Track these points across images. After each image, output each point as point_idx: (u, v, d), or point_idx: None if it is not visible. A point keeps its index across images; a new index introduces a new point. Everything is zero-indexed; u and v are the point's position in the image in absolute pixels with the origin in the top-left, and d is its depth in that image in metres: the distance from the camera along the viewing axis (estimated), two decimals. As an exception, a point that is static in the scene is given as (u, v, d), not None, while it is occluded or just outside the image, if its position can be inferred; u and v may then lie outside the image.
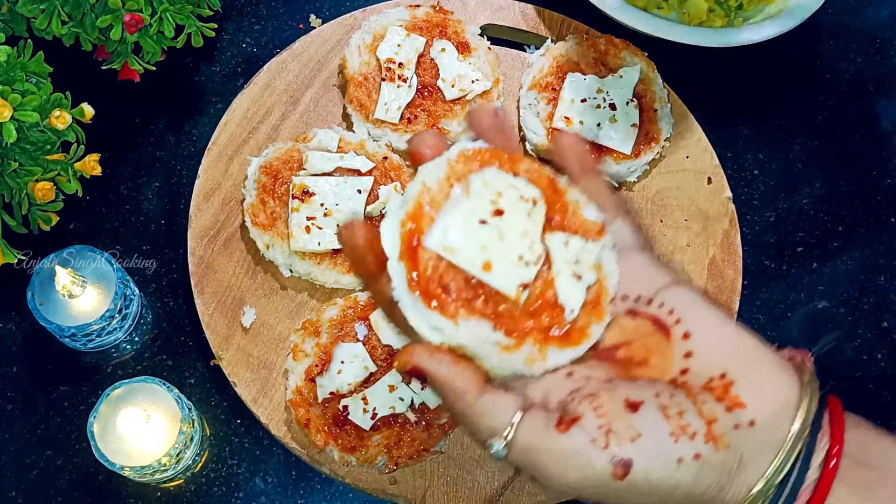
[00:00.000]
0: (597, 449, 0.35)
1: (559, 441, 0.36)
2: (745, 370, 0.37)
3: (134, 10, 0.72)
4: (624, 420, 0.36)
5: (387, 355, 0.70)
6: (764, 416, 0.36)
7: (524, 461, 0.37)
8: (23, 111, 0.66)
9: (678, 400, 0.36)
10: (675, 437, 0.35)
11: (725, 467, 0.36)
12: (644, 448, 0.35)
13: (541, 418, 0.37)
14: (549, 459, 0.36)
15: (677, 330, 0.38)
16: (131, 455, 0.65)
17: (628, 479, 0.35)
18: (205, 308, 0.73)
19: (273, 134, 0.79)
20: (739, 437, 0.36)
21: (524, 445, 0.37)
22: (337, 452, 0.69)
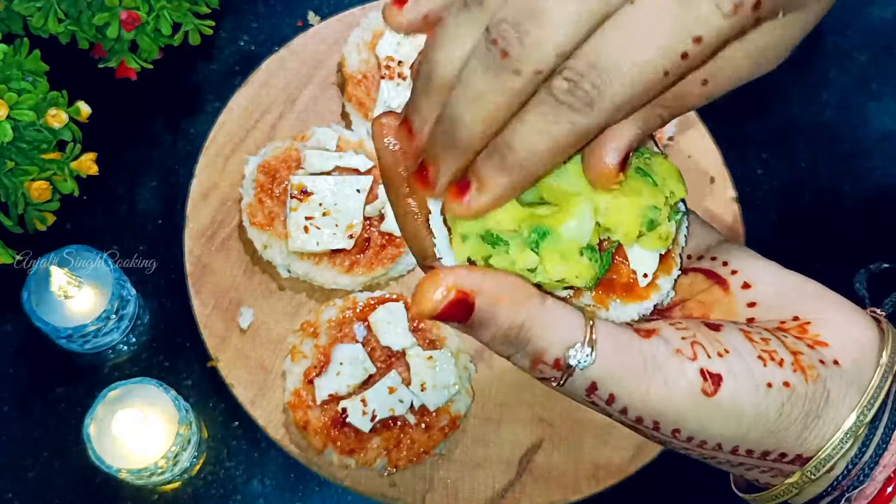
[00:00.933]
0: (683, 359, 0.31)
1: (642, 348, 0.31)
2: (819, 312, 0.34)
3: (131, 8, 0.71)
4: (708, 336, 0.32)
5: (386, 357, 0.70)
6: (847, 354, 0.33)
7: (606, 373, 0.31)
8: (19, 110, 0.65)
9: (759, 329, 0.33)
10: (762, 360, 0.31)
11: (814, 402, 0.32)
12: (734, 365, 0.31)
13: (614, 326, 0.32)
14: (632, 371, 0.31)
15: (735, 280, 0.35)
16: (128, 457, 0.64)
17: (717, 399, 0.31)
18: (202, 309, 0.72)
19: (271, 133, 0.78)
20: (826, 372, 0.32)
21: (608, 351, 0.31)
22: (335, 455, 0.68)
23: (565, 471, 0.71)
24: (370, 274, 0.73)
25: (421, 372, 0.69)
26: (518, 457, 0.71)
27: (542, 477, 0.71)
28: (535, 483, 0.70)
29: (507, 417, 0.72)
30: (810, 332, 0.33)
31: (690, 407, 0.31)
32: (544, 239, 0.32)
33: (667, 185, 0.35)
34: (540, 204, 0.33)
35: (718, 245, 0.36)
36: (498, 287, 0.30)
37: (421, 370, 0.69)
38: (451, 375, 0.69)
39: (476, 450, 0.71)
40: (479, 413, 0.72)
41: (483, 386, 0.72)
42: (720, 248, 0.36)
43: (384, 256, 0.73)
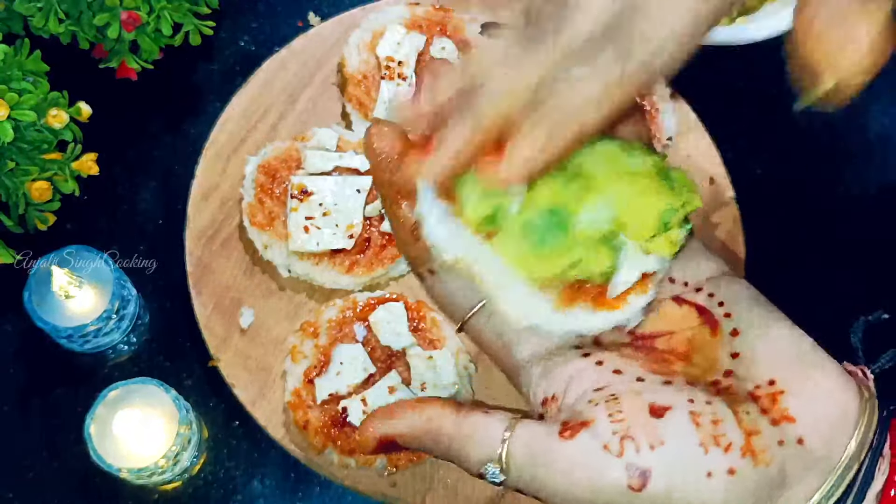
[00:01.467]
0: (609, 456, 0.31)
1: (564, 449, 0.32)
2: (797, 379, 0.32)
3: (131, 8, 0.71)
4: (645, 426, 0.31)
5: (386, 357, 0.70)
6: (815, 434, 0.31)
7: (526, 480, 0.32)
8: (19, 110, 0.65)
9: (715, 408, 0.32)
10: (704, 447, 0.31)
11: (764, 487, 0.31)
12: (666, 457, 0.31)
13: (539, 427, 0.33)
14: (552, 473, 0.32)
15: (726, 325, 0.34)
16: (128, 457, 0.64)
17: (646, 493, 0.31)
18: (202, 309, 0.72)
19: (271, 133, 0.78)
20: (784, 454, 0.31)
21: (522, 461, 0.32)
22: (336, 455, 0.68)
23: (565, 471, 0.71)
24: (370, 274, 0.73)
25: (421, 372, 0.69)
26: (518, 457, 0.71)
27: (542, 477, 0.71)
28: (535, 483, 0.70)
29: (507, 417, 0.72)
30: (780, 403, 0.32)
31: (620, 501, 0.31)
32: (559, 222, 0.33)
33: (683, 193, 0.35)
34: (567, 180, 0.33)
35: (719, 279, 0.36)
36: (411, 426, 0.33)
37: (421, 370, 0.69)
38: (451, 375, 0.69)
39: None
40: (479, 413, 0.72)
41: (483, 386, 0.72)
42: (720, 283, 0.35)
43: (384, 256, 0.73)
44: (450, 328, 0.72)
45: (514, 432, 0.33)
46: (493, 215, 0.33)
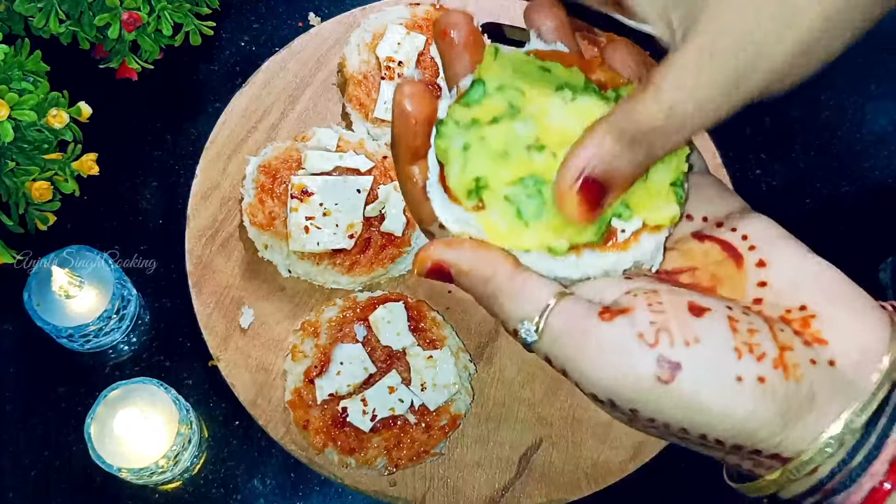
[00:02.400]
0: (643, 344, 0.30)
1: (600, 329, 0.31)
2: (828, 306, 0.32)
3: (132, 9, 0.71)
4: (683, 321, 0.31)
5: (386, 356, 0.70)
6: (846, 357, 0.31)
7: (556, 350, 0.32)
8: (20, 110, 0.65)
9: (752, 319, 0.31)
10: (738, 353, 0.30)
11: (793, 402, 0.30)
12: (699, 355, 0.30)
13: (582, 304, 0.32)
14: (583, 350, 0.31)
15: (751, 257, 0.34)
16: (129, 457, 0.64)
17: (674, 388, 0.30)
18: (203, 308, 0.73)
19: (272, 133, 0.78)
20: (815, 373, 0.31)
21: (559, 330, 0.32)
22: (336, 454, 0.68)
23: (565, 470, 0.71)
24: (370, 274, 0.73)
25: (421, 371, 0.69)
26: (518, 456, 0.71)
27: (542, 476, 0.71)
28: (534, 482, 0.71)
29: (506, 417, 0.72)
30: (813, 326, 0.32)
31: (645, 391, 0.31)
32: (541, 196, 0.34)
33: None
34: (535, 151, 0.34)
35: (742, 214, 0.35)
36: (469, 261, 0.33)
37: (421, 370, 0.69)
38: (451, 375, 0.69)
39: (476, 449, 0.71)
40: (479, 412, 0.72)
41: (483, 385, 0.73)
42: (743, 218, 0.35)
43: (384, 256, 0.73)
44: (450, 328, 0.72)
45: (559, 302, 0.33)
46: (475, 189, 0.34)
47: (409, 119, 0.35)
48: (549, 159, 0.34)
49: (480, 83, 0.36)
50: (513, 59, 0.36)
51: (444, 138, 0.35)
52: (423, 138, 0.35)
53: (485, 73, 0.36)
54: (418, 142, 0.35)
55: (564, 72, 0.37)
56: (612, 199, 0.33)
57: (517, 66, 0.36)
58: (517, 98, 0.35)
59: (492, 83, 0.35)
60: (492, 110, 0.35)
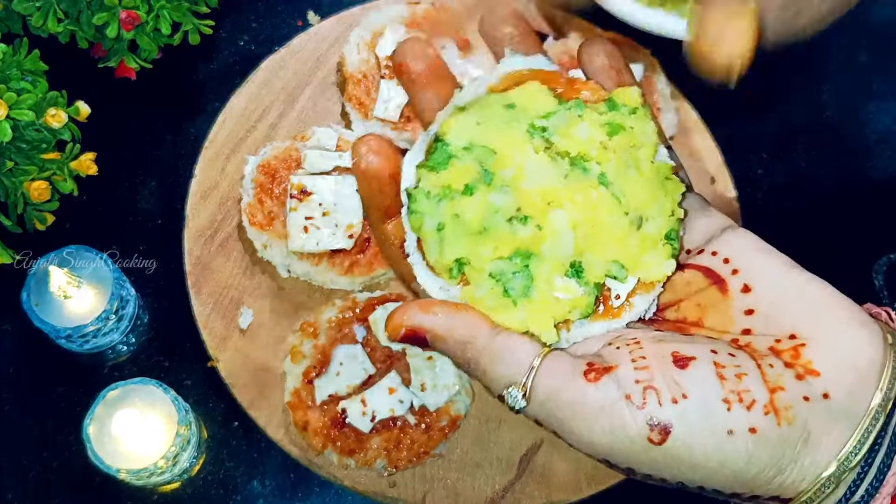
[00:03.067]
0: (631, 406, 0.30)
1: (587, 392, 0.30)
2: (818, 329, 0.31)
3: (130, 8, 0.71)
4: (668, 376, 0.30)
5: (386, 357, 0.70)
6: (840, 386, 0.30)
7: (545, 414, 0.31)
8: (18, 110, 0.65)
9: (739, 361, 0.31)
10: (728, 403, 0.30)
11: (787, 445, 0.30)
12: (688, 412, 0.30)
13: (566, 363, 0.31)
14: (573, 414, 0.31)
15: (735, 282, 0.33)
16: (128, 457, 0.64)
17: (666, 448, 0.30)
18: (202, 309, 0.72)
19: (271, 132, 0.78)
20: (808, 410, 0.30)
21: (546, 394, 0.31)
22: (335, 455, 0.68)
23: (565, 471, 0.71)
24: (370, 274, 0.72)
25: (421, 372, 0.69)
26: (518, 457, 0.71)
27: (542, 477, 0.70)
28: (535, 483, 0.70)
29: (507, 418, 0.72)
30: (803, 356, 0.31)
31: (639, 452, 0.30)
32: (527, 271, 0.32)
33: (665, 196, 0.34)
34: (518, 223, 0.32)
35: (721, 235, 0.34)
36: (445, 326, 0.32)
37: (421, 370, 0.69)
38: (450, 376, 0.69)
39: (476, 450, 0.71)
40: (479, 413, 0.72)
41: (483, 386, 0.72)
42: (723, 240, 0.34)
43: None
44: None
45: (542, 362, 0.31)
46: (457, 267, 0.33)
47: (374, 180, 0.33)
48: (534, 231, 0.32)
49: (444, 144, 0.33)
50: (476, 108, 0.34)
51: (416, 215, 0.33)
52: (392, 197, 0.33)
53: (446, 131, 0.33)
54: (388, 201, 0.34)
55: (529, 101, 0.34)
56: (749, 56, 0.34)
57: (481, 112, 0.33)
58: (489, 159, 0.33)
59: (457, 142, 0.33)
60: (462, 175, 0.33)
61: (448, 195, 0.33)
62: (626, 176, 0.33)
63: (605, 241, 0.32)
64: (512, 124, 0.33)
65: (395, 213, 0.34)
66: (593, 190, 0.32)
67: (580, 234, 0.32)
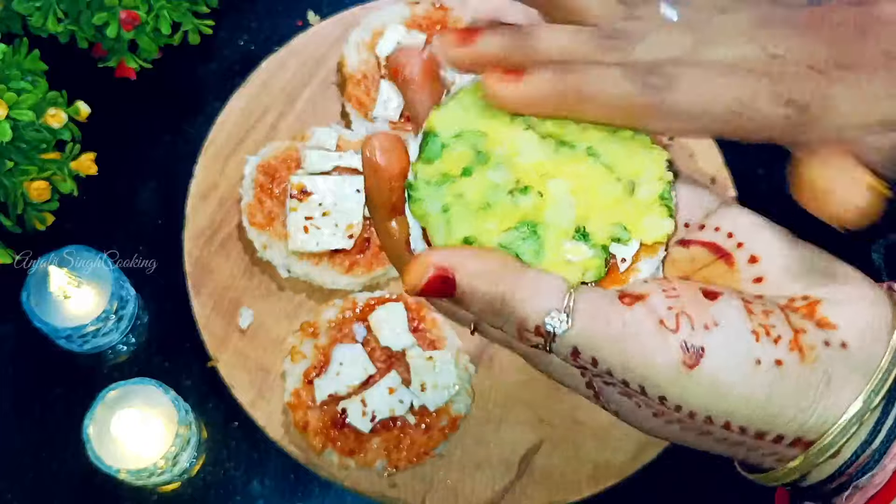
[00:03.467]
0: (665, 330, 0.30)
1: (623, 315, 0.31)
2: (829, 290, 0.32)
3: (130, 8, 0.71)
4: (699, 306, 0.31)
5: (386, 357, 0.70)
6: (856, 338, 0.31)
7: (584, 339, 0.31)
8: (18, 110, 0.65)
9: (765, 301, 0.31)
10: (756, 335, 0.30)
11: (809, 385, 0.30)
12: (720, 338, 0.30)
13: (600, 291, 0.31)
14: (611, 338, 0.30)
15: (741, 254, 0.33)
16: (127, 458, 0.64)
17: (697, 372, 0.30)
18: (201, 309, 0.72)
19: (271, 133, 0.78)
20: (829, 354, 0.31)
21: (586, 318, 0.31)
22: (335, 455, 0.68)
23: (565, 471, 0.71)
24: (370, 274, 0.72)
25: (421, 372, 0.69)
26: (518, 457, 0.71)
27: (542, 477, 0.70)
28: (535, 484, 0.70)
29: (507, 418, 0.72)
30: (819, 312, 0.32)
31: (671, 378, 0.30)
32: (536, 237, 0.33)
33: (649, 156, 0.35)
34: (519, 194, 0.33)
35: (719, 210, 0.35)
36: (477, 262, 0.31)
37: (421, 370, 0.69)
38: (451, 376, 0.69)
39: (476, 450, 0.71)
40: (479, 414, 0.72)
41: (483, 386, 0.72)
42: (722, 214, 0.35)
43: (384, 256, 0.72)
44: (450, 328, 0.72)
45: (578, 289, 0.31)
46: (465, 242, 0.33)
47: (382, 175, 0.33)
48: (535, 199, 0.33)
49: (434, 136, 0.34)
50: (459, 98, 0.35)
51: (418, 203, 0.33)
52: (399, 193, 0.34)
53: (435, 124, 0.34)
54: (394, 198, 0.34)
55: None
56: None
57: (464, 103, 0.35)
58: (480, 141, 0.34)
59: (446, 132, 0.34)
60: (459, 160, 0.34)
61: (447, 180, 0.34)
62: (610, 147, 0.34)
63: (603, 205, 0.33)
64: (494, 111, 0.34)
65: (401, 210, 0.34)
66: (583, 162, 0.34)
67: (579, 202, 0.33)
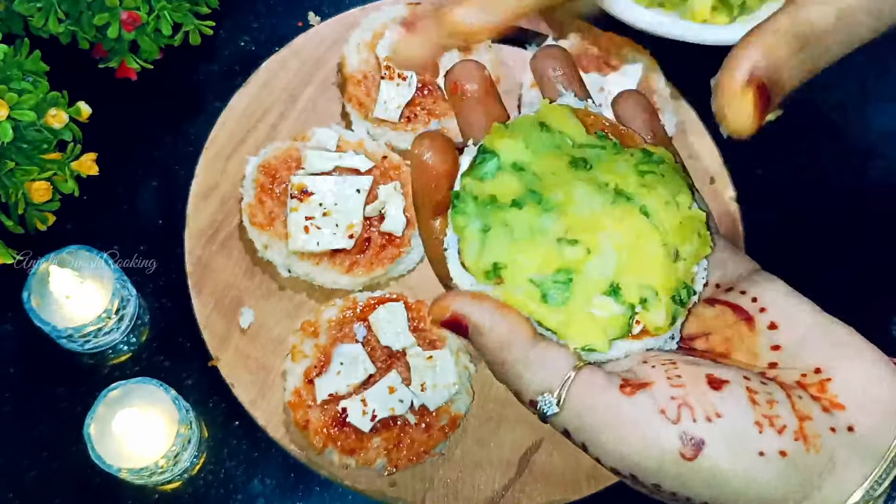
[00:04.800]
0: (665, 420, 0.30)
1: (621, 404, 0.31)
2: (843, 366, 0.32)
3: (131, 8, 0.71)
4: (703, 396, 0.31)
5: (386, 357, 0.70)
6: (864, 420, 0.31)
7: (577, 424, 0.32)
8: (19, 110, 0.65)
9: (769, 389, 0.32)
10: (759, 426, 0.30)
11: (814, 472, 0.31)
12: (722, 431, 0.30)
13: (602, 376, 0.32)
14: (605, 426, 0.31)
15: (762, 319, 0.34)
16: (128, 457, 0.64)
17: (697, 464, 0.30)
18: (202, 309, 0.72)
19: (271, 133, 0.78)
20: (835, 440, 0.31)
21: (579, 404, 0.31)
22: (336, 454, 0.68)
23: (565, 470, 0.71)
24: (370, 274, 0.73)
25: (421, 372, 0.69)
26: (518, 456, 0.71)
27: (542, 476, 0.71)
28: (535, 482, 0.70)
29: (507, 417, 0.72)
30: (829, 391, 0.32)
31: (669, 467, 0.31)
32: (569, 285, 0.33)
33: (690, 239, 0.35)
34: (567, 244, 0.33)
35: (750, 276, 0.36)
36: (491, 321, 0.32)
37: (421, 370, 0.69)
38: (451, 375, 0.69)
39: (476, 449, 0.71)
40: (480, 413, 0.72)
41: (483, 386, 0.72)
42: (752, 280, 0.35)
43: (384, 256, 0.73)
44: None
45: (578, 374, 0.32)
46: (493, 271, 0.33)
47: (431, 173, 0.34)
48: (582, 253, 0.33)
49: (493, 156, 0.34)
50: (520, 125, 0.35)
51: (462, 215, 0.33)
52: (445, 192, 0.34)
53: (497, 144, 0.34)
54: (440, 196, 0.34)
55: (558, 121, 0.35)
56: (773, 108, 0.33)
57: (525, 134, 0.35)
58: (536, 183, 0.34)
59: (506, 157, 0.34)
60: (509, 190, 0.34)
61: (495, 203, 0.34)
62: (665, 211, 0.34)
63: (643, 266, 0.33)
64: (555, 152, 0.34)
65: (445, 210, 0.34)
66: (636, 217, 0.34)
67: (621, 258, 0.33)
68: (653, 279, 0.33)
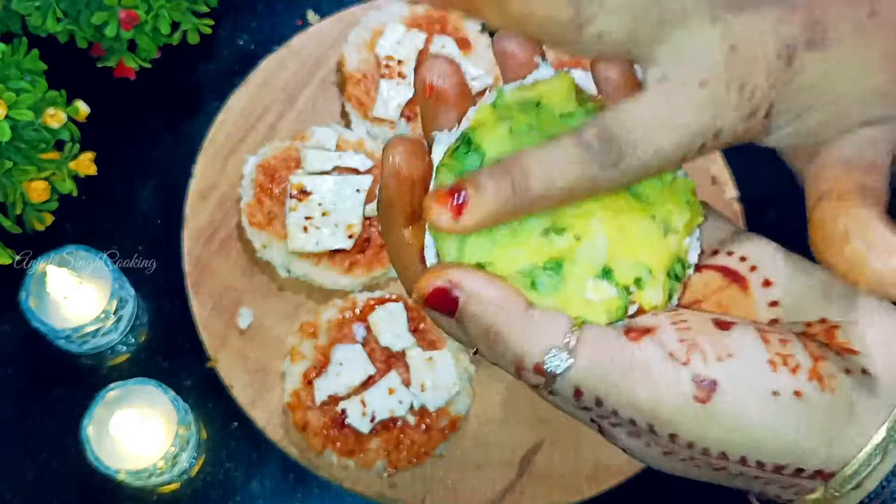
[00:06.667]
0: (676, 364, 0.29)
1: (630, 351, 0.29)
2: (847, 315, 0.31)
3: (129, 7, 0.71)
4: (712, 337, 0.29)
5: (386, 357, 0.70)
6: (878, 364, 0.30)
7: (590, 378, 0.30)
8: (17, 109, 0.65)
9: (781, 329, 0.30)
10: (773, 365, 0.29)
11: (833, 414, 0.29)
12: (734, 370, 0.29)
13: (604, 328, 0.30)
14: (617, 375, 0.29)
15: (755, 277, 0.32)
16: (127, 458, 0.64)
17: (711, 406, 0.29)
18: (201, 309, 0.72)
19: (270, 132, 0.78)
20: (850, 382, 0.29)
21: (591, 354, 0.30)
22: (335, 456, 0.68)
23: (566, 471, 0.70)
24: (370, 274, 0.72)
25: (421, 373, 0.69)
26: (518, 458, 0.71)
27: (543, 478, 0.70)
28: (535, 484, 0.70)
29: (507, 418, 0.72)
30: (838, 337, 0.30)
31: (683, 413, 0.29)
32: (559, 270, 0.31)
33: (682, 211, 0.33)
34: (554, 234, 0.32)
35: (733, 237, 0.34)
36: (485, 289, 0.30)
37: (421, 371, 0.69)
38: (451, 376, 0.69)
39: (476, 450, 0.71)
40: (480, 414, 0.72)
41: (483, 387, 0.72)
42: (736, 240, 0.34)
43: (384, 256, 0.72)
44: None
45: (581, 327, 0.30)
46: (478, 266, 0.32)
47: (405, 180, 0.32)
48: (571, 242, 0.31)
49: (477, 151, 0.32)
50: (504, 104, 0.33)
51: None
52: (420, 200, 0.32)
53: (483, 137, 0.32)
54: (416, 203, 0.32)
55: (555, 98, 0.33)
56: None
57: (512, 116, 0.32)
58: None
59: (490, 154, 0.31)
60: None
61: None
62: (651, 184, 0.33)
63: (635, 245, 0.32)
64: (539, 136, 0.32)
65: (419, 217, 0.32)
66: (623, 197, 0.32)
67: (612, 239, 0.32)
68: (645, 257, 0.32)
